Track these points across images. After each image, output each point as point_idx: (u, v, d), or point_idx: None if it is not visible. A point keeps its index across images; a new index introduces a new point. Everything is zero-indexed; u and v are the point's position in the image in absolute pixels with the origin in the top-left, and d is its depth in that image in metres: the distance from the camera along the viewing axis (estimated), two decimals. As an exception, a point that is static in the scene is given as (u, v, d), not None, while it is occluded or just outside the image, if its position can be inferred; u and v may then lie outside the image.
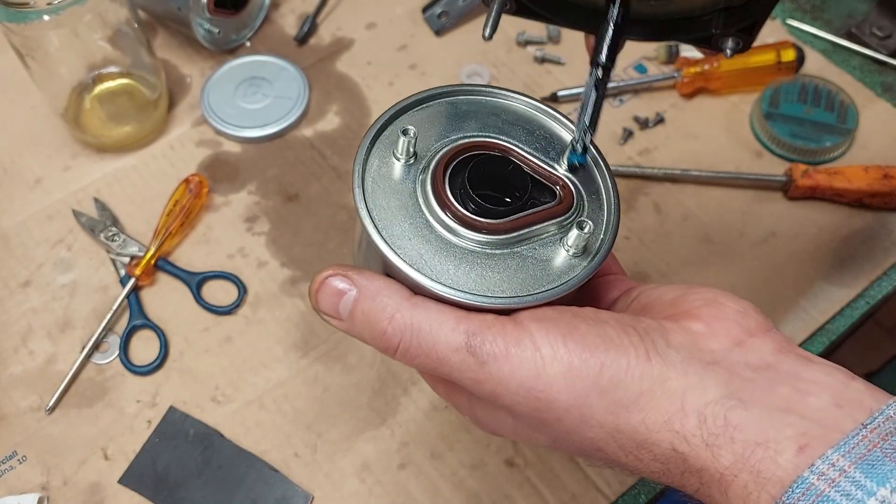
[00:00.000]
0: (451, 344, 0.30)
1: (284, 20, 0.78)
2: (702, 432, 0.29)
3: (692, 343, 0.30)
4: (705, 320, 0.31)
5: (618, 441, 0.30)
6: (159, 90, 0.70)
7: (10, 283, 0.63)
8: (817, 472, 0.27)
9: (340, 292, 0.32)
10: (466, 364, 0.30)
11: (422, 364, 0.32)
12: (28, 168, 0.69)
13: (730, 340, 0.31)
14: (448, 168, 0.34)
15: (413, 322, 0.31)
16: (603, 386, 0.29)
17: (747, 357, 0.30)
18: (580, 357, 0.30)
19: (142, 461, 0.55)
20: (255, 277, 0.63)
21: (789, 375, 0.29)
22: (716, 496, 0.29)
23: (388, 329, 0.31)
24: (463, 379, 0.31)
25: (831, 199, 0.67)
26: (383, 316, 0.31)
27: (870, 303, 0.63)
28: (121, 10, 0.63)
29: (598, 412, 0.30)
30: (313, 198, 0.68)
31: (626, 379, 0.29)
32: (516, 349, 0.30)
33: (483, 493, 0.54)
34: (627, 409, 0.29)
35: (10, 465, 0.55)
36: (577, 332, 0.30)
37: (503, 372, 0.30)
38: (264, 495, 0.54)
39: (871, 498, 0.26)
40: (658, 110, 0.72)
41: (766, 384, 0.29)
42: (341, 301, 0.32)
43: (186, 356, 0.60)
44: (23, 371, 0.59)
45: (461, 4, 0.77)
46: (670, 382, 0.29)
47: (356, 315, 0.32)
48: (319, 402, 0.58)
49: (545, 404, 0.30)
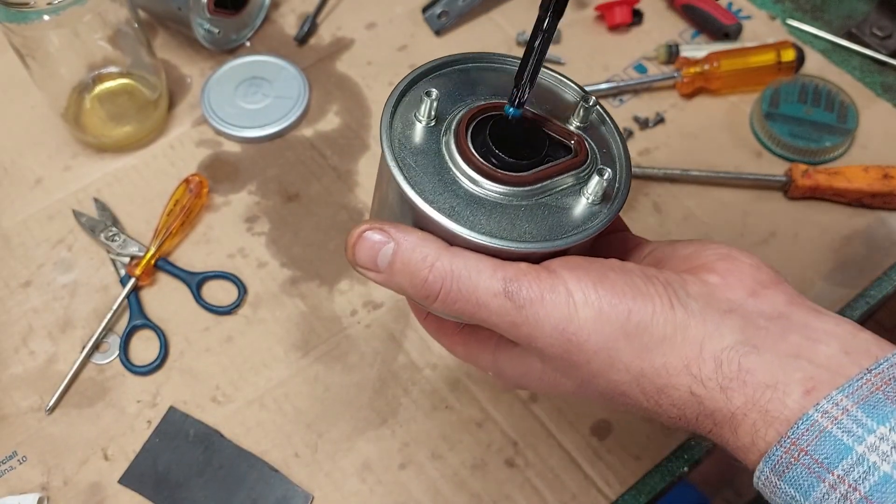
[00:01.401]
0: (490, 289, 0.32)
1: (284, 20, 0.78)
2: (717, 376, 0.30)
3: (709, 293, 0.32)
4: (720, 273, 0.33)
5: (641, 385, 0.32)
6: (159, 90, 0.70)
7: (11, 283, 0.63)
8: (821, 410, 0.29)
9: (379, 244, 0.33)
10: (504, 308, 0.32)
11: (461, 309, 0.33)
12: (28, 168, 0.69)
13: (744, 291, 0.32)
14: (469, 128, 0.36)
15: (453, 269, 0.32)
16: (630, 330, 0.31)
17: (761, 306, 0.32)
18: (610, 303, 0.31)
19: (142, 461, 0.55)
20: (255, 277, 0.63)
21: (800, 325, 0.31)
22: (727, 435, 0.31)
23: (429, 277, 0.32)
24: (501, 323, 0.32)
25: (831, 199, 0.67)
26: (424, 265, 0.32)
27: (870, 303, 0.63)
28: (121, 10, 0.63)
29: (625, 355, 0.31)
30: (313, 198, 0.68)
31: (652, 325, 0.31)
32: (551, 294, 0.32)
33: (484, 494, 0.55)
34: (651, 352, 0.31)
35: (11, 465, 0.55)
36: (606, 279, 0.32)
37: (539, 315, 0.31)
38: (265, 495, 0.54)
39: (871, 435, 0.28)
40: (658, 110, 0.72)
41: (778, 332, 0.31)
42: (380, 253, 0.33)
43: (187, 356, 0.60)
44: (23, 371, 0.59)
45: (461, 4, 0.77)
46: (690, 329, 0.31)
47: (396, 265, 0.33)
48: (320, 401, 0.58)
49: (576, 346, 0.32)
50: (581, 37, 0.77)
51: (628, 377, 0.32)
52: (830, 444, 0.28)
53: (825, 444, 0.28)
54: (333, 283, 0.63)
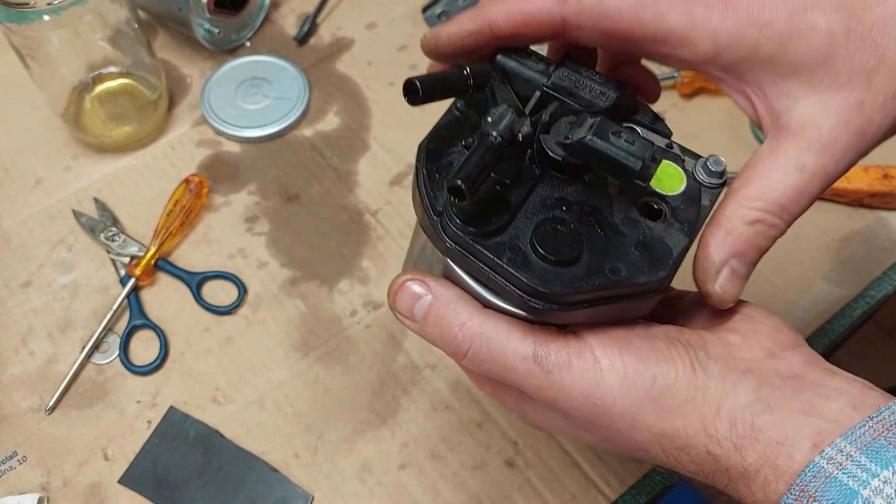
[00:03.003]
0: (520, 353, 0.33)
1: (284, 20, 0.78)
2: (732, 435, 0.31)
3: (729, 354, 0.33)
4: (741, 333, 0.34)
5: (661, 444, 0.33)
6: (159, 90, 0.70)
7: (11, 284, 0.63)
8: (827, 457, 0.29)
9: (417, 296, 0.35)
10: (532, 372, 0.33)
11: (488, 370, 0.34)
12: (29, 168, 0.69)
13: (763, 352, 0.33)
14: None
15: (484, 331, 0.33)
16: (654, 395, 0.32)
17: (778, 367, 0.33)
18: (635, 368, 0.32)
19: (142, 462, 0.55)
20: (255, 278, 0.63)
21: (814, 384, 0.32)
22: (741, 490, 0.32)
23: (458, 335, 0.34)
24: (527, 385, 0.33)
25: (831, 199, 0.67)
26: (456, 322, 0.34)
27: (869, 303, 0.63)
28: (121, 10, 0.63)
29: (648, 417, 0.32)
30: (314, 198, 0.68)
31: (674, 388, 0.32)
32: (578, 360, 0.33)
33: (484, 494, 0.55)
34: (672, 414, 0.32)
35: (10, 465, 0.55)
36: (631, 345, 0.33)
37: (566, 381, 0.32)
38: (265, 496, 0.54)
39: (875, 479, 0.29)
40: (658, 110, 0.71)
41: (791, 391, 0.32)
42: (417, 304, 0.35)
43: (187, 356, 0.60)
44: (23, 371, 0.59)
45: (461, 4, 0.77)
46: (710, 391, 0.32)
47: (429, 318, 0.34)
48: (320, 402, 0.58)
49: (602, 409, 0.33)
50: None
51: (649, 436, 0.33)
52: (837, 489, 0.29)
53: (832, 489, 0.29)
54: (333, 284, 0.63)
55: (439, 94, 0.33)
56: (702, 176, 0.35)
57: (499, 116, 0.31)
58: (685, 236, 0.33)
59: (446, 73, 0.34)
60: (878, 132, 0.32)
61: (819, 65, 0.32)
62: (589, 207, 0.33)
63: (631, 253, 0.32)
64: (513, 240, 0.32)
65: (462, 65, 0.34)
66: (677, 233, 0.33)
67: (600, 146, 0.30)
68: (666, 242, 0.33)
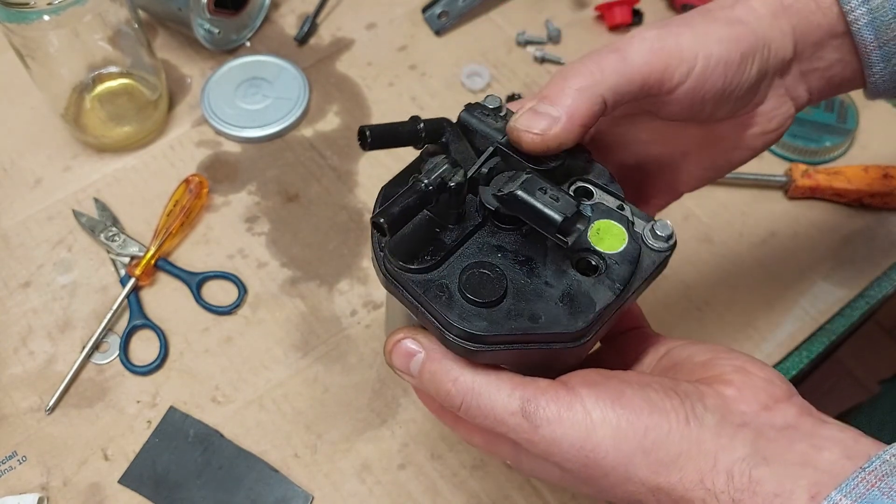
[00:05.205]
0: (508, 408, 0.33)
1: (284, 20, 0.78)
2: (729, 489, 0.31)
3: (724, 406, 0.33)
4: (737, 386, 0.34)
5: (657, 496, 0.33)
6: (159, 90, 0.70)
7: (11, 284, 0.63)
8: None
9: (411, 353, 0.36)
10: (521, 427, 0.33)
11: (481, 423, 0.34)
12: (28, 168, 0.69)
13: (758, 405, 0.34)
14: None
15: (474, 386, 0.34)
16: (647, 447, 0.32)
17: (773, 419, 0.33)
18: (627, 420, 0.32)
19: (142, 461, 0.55)
20: (255, 277, 0.63)
21: (807, 434, 0.32)
22: None
23: (451, 390, 0.34)
24: (518, 439, 0.34)
25: (831, 199, 0.67)
26: (447, 378, 0.35)
27: (870, 303, 0.63)
28: (121, 10, 0.63)
29: (641, 470, 0.32)
30: (313, 198, 0.68)
31: (668, 441, 0.32)
32: (568, 413, 0.33)
33: (483, 494, 0.55)
34: (668, 468, 0.32)
35: (10, 465, 0.55)
36: (623, 396, 0.33)
37: (556, 434, 0.33)
38: (264, 495, 0.54)
39: None
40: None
41: (786, 442, 0.32)
42: (412, 361, 0.36)
43: (186, 356, 0.60)
44: (23, 371, 0.59)
45: (461, 4, 0.77)
46: (705, 443, 0.32)
47: (424, 374, 0.35)
48: (319, 402, 0.58)
49: (594, 462, 0.33)
50: (581, 37, 0.77)
51: (644, 489, 0.33)
52: None
53: None
54: (333, 284, 0.63)
55: (391, 143, 0.37)
56: (649, 239, 0.36)
57: (433, 166, 0.34)
58: (612, 293, 0.34)
59: (399, 125, 0.37)
60: None
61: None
62: (523, 257, 0.35)
63: (554, 302, 0.34)
64: (442, 278, 0.34)
65: (418, 118, 0.37)
66: (606, 289, 0.34)
67: (525, 199, 0.33)
68: (591, 297, 0.34)
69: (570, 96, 0.35)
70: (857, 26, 0.39)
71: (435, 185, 0.33)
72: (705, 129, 0.42)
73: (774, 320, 0.62)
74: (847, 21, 0.39)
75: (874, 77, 0.40)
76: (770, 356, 0.60)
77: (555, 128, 0.35)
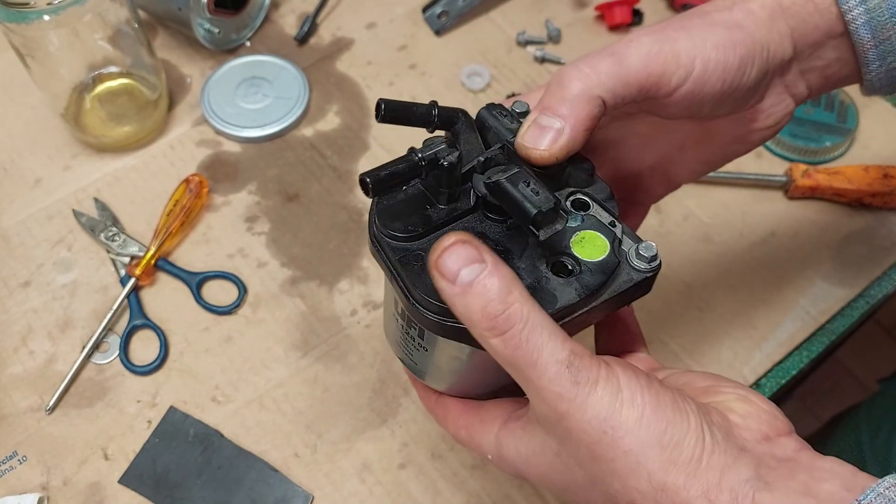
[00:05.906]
0: (555, 355, 0.32)
1: (284, 20, 0.78)
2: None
3: (729, 428, 0.34)
4: (740, 413, 0.34)
5: (657, 500, 0.32)
6: (159, 90, 0.70)
7: (10, 283, 0.63)
8: None
9: (470, 259, 0.31)
10: (560, 378, 0.32)
11: (516, 357, 0.32)
12: (28, 168, 0.69)
13: (760, 435, 0.34)
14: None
15: (531, 318, 0.32)
16: (665, 442, 0.32)
17: (774, 450, 0.33)
18: (652, 409, 0.32)
19: (142, 461, 0.55)
20: (255, 277, 0.63)
21: (807, 467, 0.33)
22: None
23: (504, 311, 0.31)
24: (546, 389, 0.32)
25: (831, 198, 0.67)
26: (506, 299, 0.31)
27: (870, 303, 0.63)
28: (121, 10, 0.63)
29: (652, 464, 0.32)
30: (313, 198, 0.68)
31: (684, 442, 0.32)
32: (605, 382, 0.32)
33: (483, 494, 0.55)
34: (678, 469, 0.32)
35: (10, 465, 0.55)
36: (652, 387, 0.33)
37: (587, 398, 0.32)
38: (264, 495, 0.54)
39: None
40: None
41: (787, 472, 0.32)
42: (468, 267, 0.31)
43: (186, 356, 0.60)
44: (23, 371, 0.59)
45: (461, 4, 0.77)
46: (714, 456, 0.32)
47: (476, 287, 0.31)
48: (319, 402, 0.58)
49: (609, 439, 0.32)
50: (581, 37, 0.77)
51: (647, 487, 0.32)
52: None
53: None
54: (333, 283, 0.63)
55: (403, 120, 0.38)
56: (632, 258, 0.36)
57: (431, 144, 0.36)
58: (576, 296, 0.35)
59: (415, 105, 0.38)
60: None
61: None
62: (502, 248, 0.36)
63: None
64: (420, 249, 0.36)
65: (435, 102, 0.38)
66: (571, 291, 0.35)
67: (508, 189, 0.34)
68: (555, 294, 0.34)
69: (569, 103, 0.36)
70: (854, 26, 0.39)
71: (427, 160, 0.35)
72: (703, 124, 0.42)
73: (774, 320, 0.62)
74: (845, 21, 0.39)
75: (870, 75, 0.41)
76: (770, 356, 0.60)
77: (560, 140, 0.35)
